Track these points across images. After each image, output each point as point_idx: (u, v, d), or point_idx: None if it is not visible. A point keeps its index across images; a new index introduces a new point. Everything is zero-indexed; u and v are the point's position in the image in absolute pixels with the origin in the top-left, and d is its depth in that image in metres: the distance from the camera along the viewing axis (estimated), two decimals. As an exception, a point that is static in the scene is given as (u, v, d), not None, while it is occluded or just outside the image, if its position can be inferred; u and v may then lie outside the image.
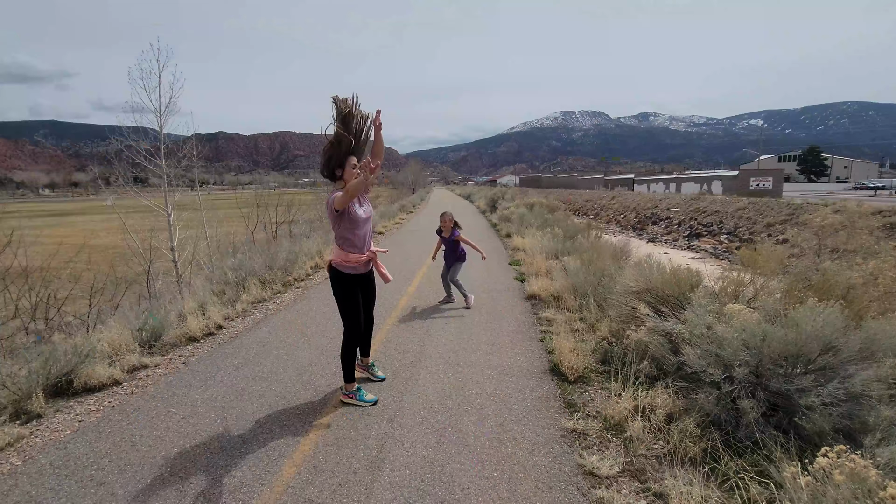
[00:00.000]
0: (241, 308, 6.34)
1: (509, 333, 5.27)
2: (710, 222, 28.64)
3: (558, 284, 6.80)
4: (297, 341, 5.04)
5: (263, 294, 6.96)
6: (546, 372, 4.22)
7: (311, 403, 3.61)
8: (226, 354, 4.68)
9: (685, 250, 25.16)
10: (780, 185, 38.13)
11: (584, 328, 5.30)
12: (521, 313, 6.09)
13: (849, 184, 66.67)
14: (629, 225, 36.47)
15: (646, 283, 4.78)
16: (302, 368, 4.28)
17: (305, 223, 19.44)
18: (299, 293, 7.33)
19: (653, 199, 38.84)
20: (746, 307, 3.55)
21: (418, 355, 4.61)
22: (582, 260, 7.00)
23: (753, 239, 24.17)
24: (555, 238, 9.70)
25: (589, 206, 46.87)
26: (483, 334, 5.23)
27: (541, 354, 4.64)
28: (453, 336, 5.18)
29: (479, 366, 4.34)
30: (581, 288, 6.34)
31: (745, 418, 2.88)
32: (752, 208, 26.80)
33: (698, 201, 32.42)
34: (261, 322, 5.81)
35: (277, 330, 5.46)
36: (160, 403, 3.64)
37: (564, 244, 9.20)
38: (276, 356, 4.60)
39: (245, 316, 6.11)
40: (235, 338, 5.22)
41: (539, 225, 12.73)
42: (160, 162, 12.86)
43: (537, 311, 6.12)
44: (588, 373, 4.11)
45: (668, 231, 31.34)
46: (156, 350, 4.89)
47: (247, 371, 4.24)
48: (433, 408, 3.54)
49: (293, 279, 8.07)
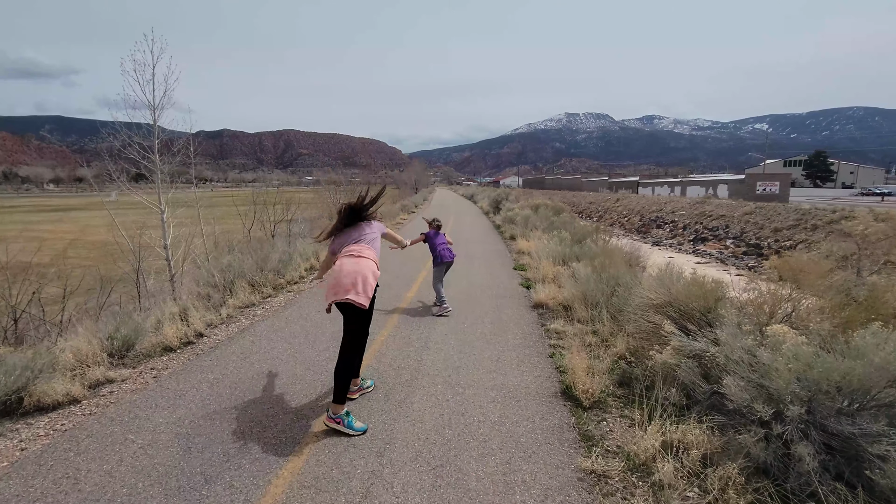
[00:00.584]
0: (227, 313, 5.90)
1: (515, 348, 4.81)
2: (716, 226, 28.14)
3: (567, 292, 6.34)
4: (282, 353, 4.59)
5: (252, 298, 6.51)
6: (557, 395, 3.75)
7: (290, 431, 3.16)
8: (202, 368, 4.23)
9: (690, 254, 24.67)
10: (787, 189, 37.59)
11: (598, 343, 4.83)
12: (527, 324, 5.63)
13: (854, 189, 65.94)
14: (633, 228, 36.00)
15: (668, 296, 4.31)
16: (284, 386, 3.83)
17: (306, 222, 19.04)
18: (290, 297, 6.88)
19: (658, 202, 38.37)
20: (792, 330, 3.09)
21: (414, 372, 4.16)
22: (593, 266, 6.53)
23: (760, 244, 23.72)
24: (562, 242, 9.23)
25: (593, 209, 46.40)
26: (486, 349, 4.77)
27: (551, 373, 4.18)
28: (454, 350, 4.72)
29: (483, 386, 3.88)
30: (592, 297, 5.88)
31: (800, 466, 2.41)
32: (759, 213, 26.30)
33: (704, 205, 31.92)
34: (246, 330, 5.36)
35: (262, 339, 5.01)
36: (118, 428, 3.19)
37: (572, 248, 8.73)
38: (258, 371, 4.14)
39: (230, 322, 5.66)
40: (216, 348, 4.77)
41: (545, 228, 12.25)
42: (154, 158, 12.46)
43: (545, 322, 5.66)
44: (605, 397, 3.64)
45: (672, 235, 30.87)
46: (127, 361, 4.45)
47: (222, 388, 3.79)
48: (429, 439, 3.09)
49: (285, 282, 7.63)
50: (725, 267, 21.29)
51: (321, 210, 23.04)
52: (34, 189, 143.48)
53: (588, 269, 6.30)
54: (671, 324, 3.78)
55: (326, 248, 3.68)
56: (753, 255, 22.35)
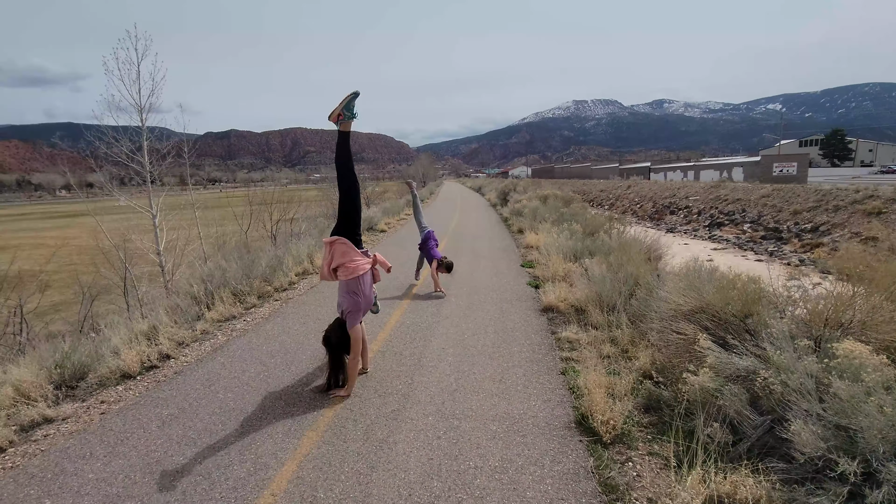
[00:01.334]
0: (203, 328, 5.34)
1: (522, 362, 4.18)
2: (732, 211, 27.18)
3: (580, 293, 5.69)
4: (253, 378, 4.00)
5: (233, 310, 5.94)
6: (571, 426, 3.12)
7: (243, 489, 2.57)
8: (157, 401, 3.66)
9: (706, 240, 23.83)
10: (805, 170, 36.26)
11: (616, 353, 4.19)
12: (535, 332, 4.99)
13: (874, 167, 63.86)
14: (646, 215, 35.05)
15: (699, 301, 3.65)
16: (248, 424, 3.24)
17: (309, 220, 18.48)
18: (277, 307, 6.30)
19: (670, 187, 37.36)
20: (866, 347, 2.41)
21: (403, 398, 3.55)
22: (608, 264, 5.86)
23: (780, 228, 22.74)
24: (573, 236, 8.54)
25: (604, 197, 45.38)
26: (489, 365, 4.15)
27: (563, 396, 3.54)
28: (451, 368, 4.10)
29: (482, 416, 3.26)
30: (608, 299, 5.23)
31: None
32: (776, 195, 25.28)
33: (719, 189, 30.91)
34: (219, 349, 4.79)
35: (235, 361, 4.43)
36: (35, 489, 2.63)
37: (584, 242, 8.05)
38: (220, 404, 3.56)
39: (204, 339, 5.10)
40: (181, 373, 4.21)
41: (554, 220, 11.55)
42: (143, 160, 11.96)
43: (556, 329, 5.02)
44: (629, 427, 3.01)
45: (687, 221, 29.96)
46: (78, 393, 3.91)
47: (174, 429, 3.21)
48: (412, 494, 2.48)
49: (273, 289, 7.06)
50: (744, 252, 20.47)
51: (325, 207, 22.52)
52: (46, 195, 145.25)
53: (602, 267, 5.63)
54: (707, 337, 3.12)
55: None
56: (772, 240, 21.47)
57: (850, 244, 16.92)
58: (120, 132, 11.46)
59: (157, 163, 12.05)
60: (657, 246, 8.29)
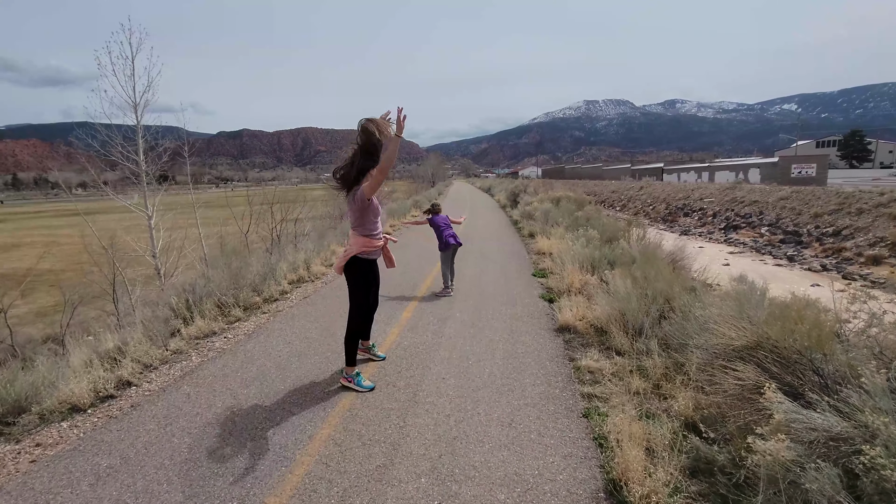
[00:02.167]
0: (176, 347, 4.77)
1: (535, 399, 3.54)
2: (748, 213, 26.29)
3: (600, 310, 5.04)
4: (219, 416, 3.40)
5: (213, 325, 5.36)
6: (600, 497, 2.48)
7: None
8: (100, 446, 3.07)
9: (722, 243, 23.05)
10: (824, 172, 35.06)
11: (648, 389, 3.53)
12: (550, 358, 4.34)
13: (894, 169, 62.07)
14: (659, 217, 34.22)
15: (755, 335, 2.98)
16: (197, 485, 2.64)
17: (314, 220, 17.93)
18: (262, 322, 5.71)
19: (684, 188, 36.46)
20: None
21: (392, 448, 2.93)
22: (632, 277, 5.19)
23: (799, 231, 21.83)
24: (589, 242, 7.86)
25: (616, 198, 44.48)
26: (496, 402, 3.51)
27: (587, 450, 2.89)
28: (451, 405, 3.47)
29: (487, 478, 2.63)
30: (634, 318, 4.56)
31: None
32: (796, 197, 24.37)
33: (735, 191, 30.01)
34: (189, 374, 4.20)
35: (203, 391, 3.84)
36: None
37: (602, 250, 7.37)
38: (173, 452, 2.96)
39: (175, 361, 4.52)
40: (138, 406, 3.62)
41: (568, 224, 10.85)
42: (138, 158, 11.49)
43: (574, 355, 4.37)
44: (675, 500, 2.36)
45: (701, 223, 29.15)
46: (15, 430, 3.33)
47: (107, 489, 2.61)
48: None
49: (262, 300, 6.48)
50: (761, 256, 19.70)
51: (332, 207, 21.95)
52: (62, 194, 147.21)
53: (627, 283, 4.95)
54: (774, 387, 2.46)
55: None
56: (792, 244, 20.64)
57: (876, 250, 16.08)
58: (114, 130, 11.00)
59: (153, 162, 11.58)
60: (681, 254, 7.59)
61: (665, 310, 4.56)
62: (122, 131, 11.07)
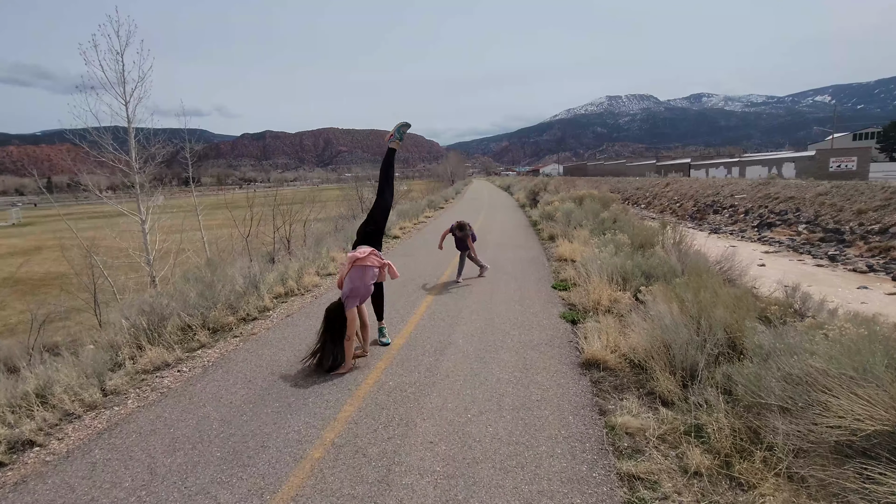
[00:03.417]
0: (114, 386, 3.90)
1: (553, 487, 2.52)
2: (784, 210, 24.60)
3: (636, 338, 4.00)
4: (128, 496, 2.49)
5: (168, 355, 4.48)
6: None
7: None
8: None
9: (755, 242, 21.56)
10: (866, 165, 32.81)
11: (714, 468, 2.49)
12: (575, 410, 3.32)
13: (939, 162, 58.37)
14: (686, 214, 32.63)
15: None
16: None
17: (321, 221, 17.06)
18: (231, 348, 4.81)
19: (713, 185, 34.76)
20: None
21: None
22: (677, 299, 4.11)
23: (841, 229, 20.17)
24: (619, 250, 6.76)
25: (640, 195, 42.80)
26: (497, 490, 2.50)
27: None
28: (434, 495, 2.49)
29: None
30: (683, 354, 3.51)
31: None
32: (836, 193, 22.63)
33: (768, 186, 28.26)
34: (113, 428, 3.31)
35: (116, 458, 2.93)
36: None
37: (634, 259, 6.27)
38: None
39: (106, 407, 3.64)
40: (25, 481, 2.74)
41: (593, 228, 9.72)
42: (130, 159, 10.83)
43: (607, 405, 3.34)
44: None
45: (733, 221, 27.58)
46: None
47: None
48: None
49: (237, 320, 5.60)
50: (800, 256, 18.25)
51: (345, 209, 21.11)
52: (91, 196, 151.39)
53: (674, 308, 3.88)
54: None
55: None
56: (833, 242, 19.06)
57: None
58: (102, 131, 10.36)
59: (145, 164, 10.92)
60: (729, 261, 6.45)
61: (724, 344, 3.50)
62: (110, 131, 10.41)
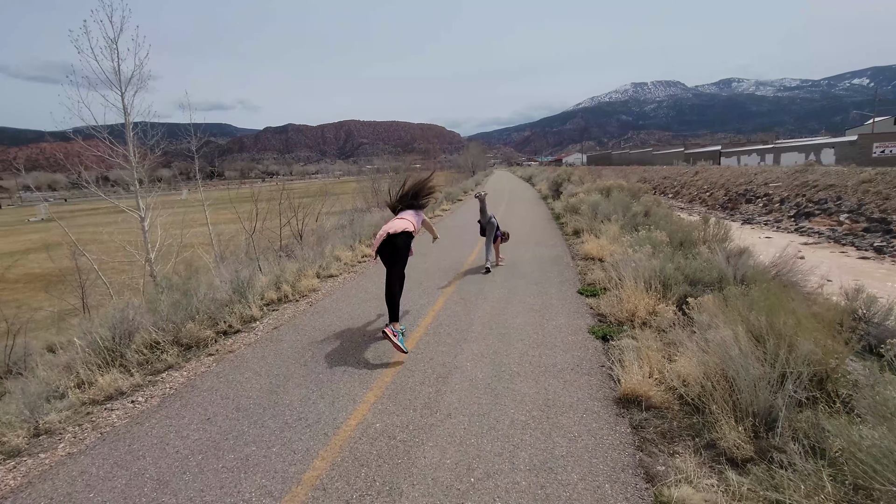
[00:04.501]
0: (51, 423, 3.25)
1: None
2: (823, 198, 23.02)
3: (685, 365, 3.15)
4: None
5: (122, 381, 3.81)
6: None
7: None
8: None
9: (792, 233, 20.18)
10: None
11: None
12: (610, 474, 2.49)
13: None
14: (717, 204, 31.11)
15: None
16: None
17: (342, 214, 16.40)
18: (202, 370, 4.11)
19: (745, 173, 33.07)
20: None
21: None
22: (745, 322, 3.21)
23: (888, 218, 18.63)
24: (656, 250, 5.82)
25: (668, 184, 41.12)
26: None
27: None
28: None
29: None
30: (753, 393, 2.65)
31: None
32: (881, 180, 21.05)
33: (805, 174, 26.56)
34: (24, 489, 2.64)
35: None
36: None
37: (674, 260, 5.35)
38: None
39: (30, 454, 2.98)
40: None
41: (624, 223, 8.73)
42: (128, 153, 10.31)
43: (654, 465, 2.50)
44: None
45: (767, 210, 26.05)
46: None
47: None
48: None
49: (215, 333, 4.92)
50: (842, 248, 16.93)
51: (362, 201, 20.41)
52: (119, 190, 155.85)
53: (740, 333, 3.00)
54: None
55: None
56: (879, 233, 17.67)
57: None
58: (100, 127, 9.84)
59: (143, 159, 10.40)
60: (787, 266, 5.47)
61: (808, 383, 2.63)
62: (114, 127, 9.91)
